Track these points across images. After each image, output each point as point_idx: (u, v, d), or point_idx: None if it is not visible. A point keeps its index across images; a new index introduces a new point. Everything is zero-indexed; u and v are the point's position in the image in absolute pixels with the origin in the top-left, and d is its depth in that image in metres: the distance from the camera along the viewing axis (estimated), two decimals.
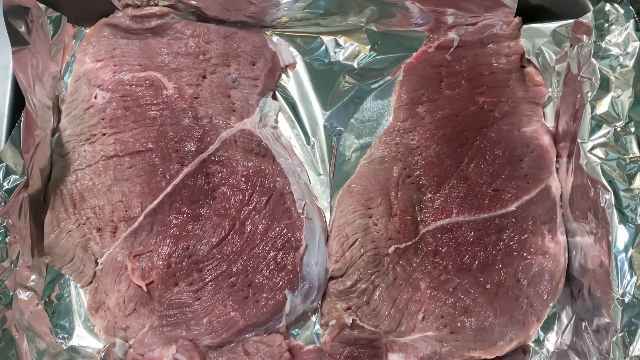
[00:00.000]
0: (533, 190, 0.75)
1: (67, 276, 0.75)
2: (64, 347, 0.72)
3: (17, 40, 0.73)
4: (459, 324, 0.71)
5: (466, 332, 0.71)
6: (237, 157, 0.76)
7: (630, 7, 0.70)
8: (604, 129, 0.67)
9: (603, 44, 0.70)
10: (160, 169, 0.75)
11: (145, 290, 0.71)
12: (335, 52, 0.83)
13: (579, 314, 0.70)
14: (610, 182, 0.65)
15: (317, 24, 0.84)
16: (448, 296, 0.72)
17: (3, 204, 0.68)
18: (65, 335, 0.73)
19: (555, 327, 0.72)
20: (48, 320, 0.73)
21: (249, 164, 0.75)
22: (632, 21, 0.69)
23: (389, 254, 0.73)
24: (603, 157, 0.67)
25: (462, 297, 0.72)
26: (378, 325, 0.71)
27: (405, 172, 0.76)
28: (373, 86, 0.82)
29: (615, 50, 0.69)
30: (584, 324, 0.68)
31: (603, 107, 0.68)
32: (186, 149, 0.76)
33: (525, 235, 0.73)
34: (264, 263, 0.72)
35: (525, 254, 0.73)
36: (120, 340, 0.71)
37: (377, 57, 0.83)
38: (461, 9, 0.80)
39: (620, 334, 0.62)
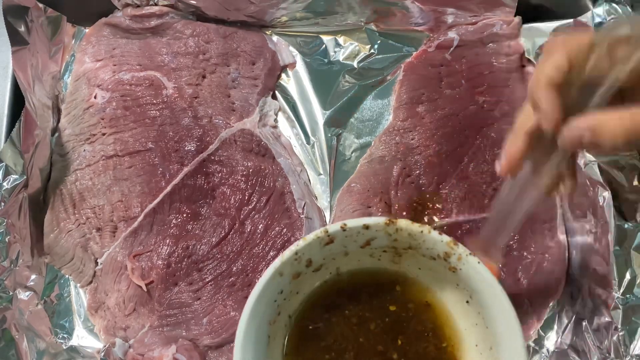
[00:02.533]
0: None
1: (67, 276, 0.75)
2: (64, 347, 0.72)
3: (16, 40, 0.73)
4: None
5: None
6: (236, 157, 0.76)
7: (629, 7, 0.70)
8: None
9: None
10: (160, 169, 0.75)
11: (145, 290, 0.71)
12: (335, 52, 0.83)
13: (579, 314, 0.70)
14: (609, 181, 0.65)
15: (316, 24, 0.84)
16: None
17: (3, 204, 0.68)
18: (65, 335, 0.73)
19: (555, 327, 0.72)
20: (48, 320, 0.73)
21: (249, 164, 0.75)
22: None
23: None
24: (602, 156, 0.67)
25: None
26: None
27: (405, 172, 0.76)
28: (373, 86, 0.82)
29: None
30: (584, 323, 0.68)
31: None
32: (186, 148, 0.76)
33: (525, 235, 0.73)
34: (263, 263, 0.72)
35: (525, 254, 0.73)
36: (120, 340, 0.71)
37: (377, 57, 0.83)
38: (461, 9, 0.80)
39: (621, 333, 0.62)
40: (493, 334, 0.57)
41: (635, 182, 0.65)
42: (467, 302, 0.60)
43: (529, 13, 0.80)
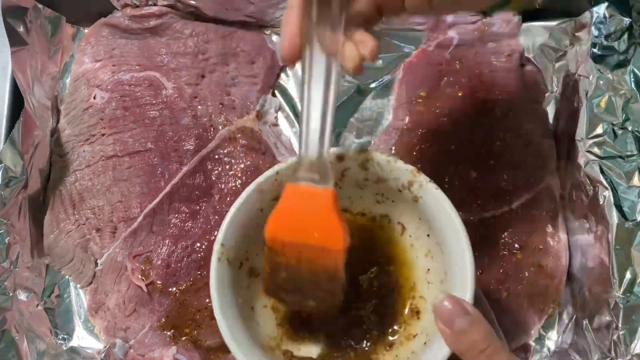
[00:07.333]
0: (533, 189, 0.74)
1: (67, 277, 0.75)
2: (64, 348, 0.72)
3: (15, 41, 0.73)
4: None
5: None
6: (236, 155, 0.76)
7: (629, 6, 0.70)
8: (602, 127, 0.67)
9: (601, 43, 0.70)
10: (160, 169, 0.75)
11: (145, 290, 0.71)
12: None
13: (580, 313, 0.70)
14: (608, 180, 0.65)
15: None
16: None
17: (3, 205, 0.68)
18: (65, 336, 0.73)
19: (556, 326, 0.72)
20: (48, 321, 0.73)
21: (249, 162, 0.75)
22: (629, 20, 0.69)
23: None
24: (601, 155, 0.67)
25: None
26: None
27: None
28: (372, 85, 0.82)
29: (612, 49, 0.69)
30: (584, 322, 0.68)
31: (601, 105, 0.68)
32: (185, 148, 0.76)
33: (526, 234, 0.73)
34: None
35: (525, 253, 0.73)
36: (120, 340, 0.71)
37: None
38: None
39: (622, 332, 0.61)
40: (447, 264, 0.57)
41: (636, 182, 0.65)
42: (428, 235, 0.61)
43: (529, 12, 0.80)
